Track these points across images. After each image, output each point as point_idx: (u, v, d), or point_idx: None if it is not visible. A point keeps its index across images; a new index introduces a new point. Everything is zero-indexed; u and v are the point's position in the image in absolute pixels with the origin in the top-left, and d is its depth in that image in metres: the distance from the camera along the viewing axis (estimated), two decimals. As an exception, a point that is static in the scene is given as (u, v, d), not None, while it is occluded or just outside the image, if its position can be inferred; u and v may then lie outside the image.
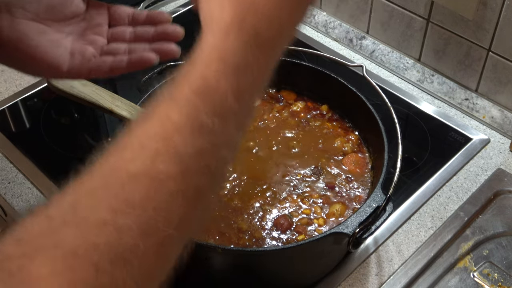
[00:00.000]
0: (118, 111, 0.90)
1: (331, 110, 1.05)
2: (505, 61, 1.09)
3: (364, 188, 0.93)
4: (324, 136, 1.01)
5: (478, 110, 1.16)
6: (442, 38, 1.17)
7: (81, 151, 1.13)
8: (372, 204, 0.81)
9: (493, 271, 0.95)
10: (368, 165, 0.96)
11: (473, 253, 0.97)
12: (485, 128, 1.15)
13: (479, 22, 1.09)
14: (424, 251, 0.96)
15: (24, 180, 1.07)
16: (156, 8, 1.44)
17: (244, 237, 0.86)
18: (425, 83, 1.23)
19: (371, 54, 1.30)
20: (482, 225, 1.00)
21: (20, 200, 1.04)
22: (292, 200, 0.91)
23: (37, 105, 1.21)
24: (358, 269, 0.93)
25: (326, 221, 0.88)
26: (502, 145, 1.12)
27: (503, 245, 0.99)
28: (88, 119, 1.20)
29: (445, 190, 1.05)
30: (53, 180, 1.05)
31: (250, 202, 0.90)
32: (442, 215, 1.01)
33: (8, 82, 1.26)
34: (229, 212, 0.89)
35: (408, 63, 1.25)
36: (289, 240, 0.86)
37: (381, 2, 1.23)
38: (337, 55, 1.31)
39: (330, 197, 0.92)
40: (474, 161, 1.09)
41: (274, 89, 1.09)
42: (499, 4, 1.04)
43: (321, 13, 1.37)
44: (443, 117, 1.17)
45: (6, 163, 1.10)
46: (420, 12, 1.17)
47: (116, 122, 0.96)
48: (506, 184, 1.05)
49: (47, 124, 1.17)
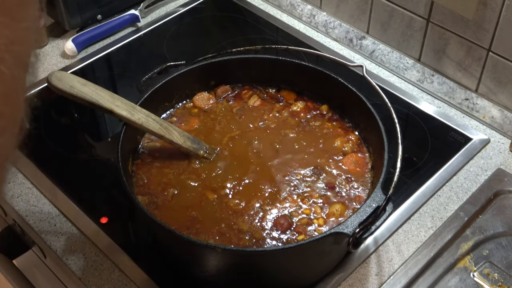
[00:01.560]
0: (118, 111, 0.90)
1: (331, 110, 1.05)
2: (505, 61, 1.09)
3: (364, 188, 0.93)
4: (324, 136, 1.01)
5: (478, 110, 1.16)
6: (442, 38, 1.17)
7: (81, 151, 1.13)
8: (372, 204, 0.81)
9: (493, 271, 0.95)
10: (368, 165, 0.96)
11: (473, 253, 0.98)
12: (485, 128, 1.15)
13: (479, 22, 1.09)
14: (424, 251, 0.96)
15: (24, 180, 1.07)
16: (156, 8, 1.44)
17: (245, 238, 0.86)
18: (425, 83, 1.23)
19: (371, 54, 1.30)
20: (482, 225, 1.00)
21: (20, 200, 1.04)
22: (292, 200, 0.91)
23: (37, 105, 1.21)
24: (358, 269, 0.93)
25: (326, 221, 0.88)
26: (502, 145, 1.12)
27: (503, 245, 0.99)
28: (88, 119, 1.20)
29: (445, 190, 1.05)
30: (53, 180, 1.06)
31: (250, 203, 0.90)
32: (442, 215, 1.01)
33: (8, 82, 1.26)
34: (230, 214, 0.89)
35: (408, 63, 1.25)
36: (289, 240, 0.86)
37: (381, 2, 1.23)
38: (337, 55, 1.31)
39: (330, 197, 0.92)
40: (474, 161, 1.09)
41: (274, 89, 1.09)
42: (499, 4, 1.04)
43: (321, 13, 1.37)
44: (443, 117, 1.17)
45: (6, 163, 1.09)
46: (420, 12, 1.17)
47: (116, 122, 0.96)
48: (506, 184, 1.05)
49: (47, 124, 1.17)
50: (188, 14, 1.44)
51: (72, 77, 0.88)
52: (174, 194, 0.92)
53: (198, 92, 1.07)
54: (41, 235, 0.98)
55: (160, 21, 1.41)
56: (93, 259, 0.95)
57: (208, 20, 1.44)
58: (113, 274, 0.93)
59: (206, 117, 1.04)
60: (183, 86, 1.05)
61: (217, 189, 0.92)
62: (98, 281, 0.92)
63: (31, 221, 1.00)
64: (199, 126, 1.03)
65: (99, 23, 1.37)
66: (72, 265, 0.94)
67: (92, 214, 1.00)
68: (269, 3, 1.45)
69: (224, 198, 0.91)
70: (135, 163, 0.96)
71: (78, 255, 0.95)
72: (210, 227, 0.87)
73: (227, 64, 1.05)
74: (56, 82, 0.87)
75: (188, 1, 1.47)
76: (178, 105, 1.06)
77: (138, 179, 0.94)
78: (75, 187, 1.05)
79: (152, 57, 1.32)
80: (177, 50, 1.34)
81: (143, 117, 0.92)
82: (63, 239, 0.98)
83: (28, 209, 1.02)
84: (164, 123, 0.95)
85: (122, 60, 1.33)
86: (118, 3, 1.39)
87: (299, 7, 1.40)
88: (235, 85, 1.09)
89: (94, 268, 0.94)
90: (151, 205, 0.90)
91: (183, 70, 1.02)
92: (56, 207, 1.02)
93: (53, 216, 1.01)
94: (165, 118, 1.03)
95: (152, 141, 1.00)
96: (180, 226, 0.87)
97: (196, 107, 1.06)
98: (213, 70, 1.05)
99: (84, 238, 0.98)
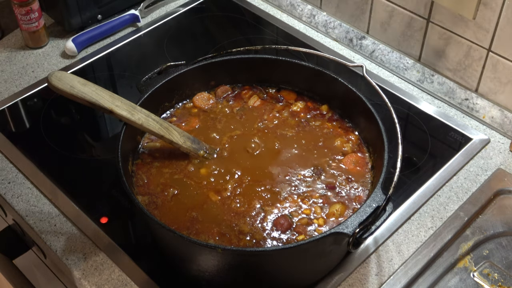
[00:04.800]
0: (118, 111, 0.90)
1: (331, 110, 1.05)
2: (505, 61, 1.09)
3: (364, 188, 0.93)
4: (324, 136, 1.01)
5: (478, 110, 1.17)
6: (442, 38, 1.17)
7: (81, 151, 1.13)
8: (372, 204, 0.81)
9: (493, 271, 0.95)
10: (368, 165, 0.96)
11: (473, 253, 0.98)
12: (485, 128, 1.15)
13: (479, 22, 1.09)
14: (424, 251, 0.96)
15: (24, 180, 1.07)
16: (156, 8, 1.44)
17: (245, 238, 0.86)
18: (425, 83, 1.23)
19: (371, 54, 1.30)
20: (482, 225, 1.00)
21: (20, 200, 1.04)
22: (293, 200, 0.91)
23: (37, 105, 1.21)
24: (358, 269, 0.93)
25: (326, 221, 0.88)
26: (502, 145, 1.12)
27: (503, 245, 0.99)
28: (88, 119, 1.20)
29: (445, 190, 1.05)
30: (53, 180, 1.06)
31: (252, 204, 0.90)
32: (442, 215, 1.01)
33: (8, 82, 1.26)
34: (232, 216, 0.89)
35: (408, 63, 1.25)
36: (289, 240, 0.86)
37: (381, 2, 1.23)
38: (337, 55, 1.31)
39: (330, 197, 0.92)
40: (474, 161, 1.09)
41: (274, 89, 1.09)
42: (499, 4, 1.04)
43: (321, 13, 1.37)
44: (443, 117, 1.17)
45: (6, 163, 1.10)
46: (420, 12, 1.17)
47: (116, 122, 0.96)
48: (506, 184, 1.05)
49: (47, 124, 1.17)
50: (188, 14, 1.44)
51: (72, 77, 0.88)
52: (174, 194, 0.92)
53: (198, 92, 1.07)
54: (41, 235, 0.98)
55: (160, 21, 1.41)
56: (93, 259, 0.95)
57: (208, 20, 1.44)
58: (113, 274, 0.93)
59: (206, 117, 1.04)
60: (183, 86, 1.05)
61: (221, 191, 0.92)
62: (98, 281, 0.92)
63: (31, 221, 1.00)
64: (199, 126, 1.03)
65: (99, 23, 1.37)
66: (72, 265, 0.94)
67: (92, 214, 1.00)
68: (269, 3, 1.45)
69: (227, 200, 0.91)
70: (135, 163, 0.96)
71: (78, 255, 0.95)
72: (210, 227, 0.87)
73: (227, 64, 1.05)
74: (56, 82, 0.87)
75: (188, 1, 1.47)
76: (178, 105, 1.06)
77: (138, 179, 0.94)
78: (75, 187, 1.05)
79: (152, 57, 1.32)
80: (177, 50, 1.34)
81: (143, 117, 0.92)
82: (63, 239, 0.98)
83: (28, 209, 1.02)
84: (164, 123, 0.95)
85: (122, 60, 1.33)
86: (118, 3, 1.39)
87: (299, 7, 1.40)
88: (235, 85, 1.09)
89: (94, 268, 0.94)
90: (151, 205, 0.90)
91: (183, 70, 1.02)
92: (56, 207, 1.02)
93: (53, 216, 1.01)
94: (165, 118, 1.03)
95: (152, 141, 1.00)
96: (180, 226, 0.87)
97: (196, 107, 1.06)
98: (213, 70, 1.05)
99: (84, 238, 0.98)
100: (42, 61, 1.31)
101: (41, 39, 1.33)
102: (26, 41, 1.33)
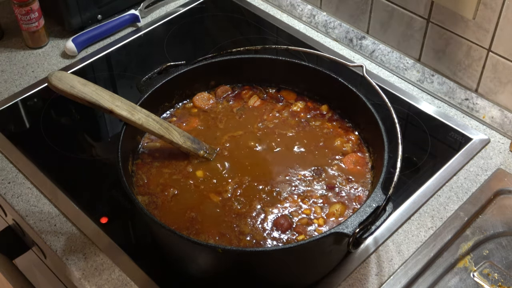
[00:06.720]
0: (118, 111, 0.90)
1: (331, 110, 1.05)
2: (505, 61, 1.09)
3: (364, 188, 0.93)
4: (324, 136, 1.01)
5: (478, 110, 1.17)
6: (442, 38, 1.17)
7: (81, 151, 1.13)
8: (372, 204, 0.81)
9: (493, 271, 0.95)
10: (368, 165, 0.96)
11: (473, 253, 0.98)
12: (485, 128, 1.15)
13: (479, 22, 1.09)
14: (424, 251, 0.96)
15: (24, 180, 1.07)
16: (156, 8, 1.44)
17: (245, 239, 0.86)
18: (425, 83, 1.23)
19: (371, 54, 1.30)
20: (482, 225, 1.00)
21: (20, 200, 1.04)
22: (293, 200, 0.91)
23: (37, 105, 1.21)
24: (358, 269, 0.93)
25: (326, 221, 0.88)
26: (502, 145, 1.12)
27: (503, 245, 0.99)
28: (88, 119, 1.20)
29: (445, 190, 1.05)
30: (53, 180, 1.06)
31: (252, 204, 0.90)
32: (442, 215, 1.01)
33: (8, 82, 1.26)
34: (233, 217, 0.89)
35: (408, 63, 1.25)
36: (289, 240, 0.86)
37: (381, 2, 1.23)
38: (337, 55, 1.31)
39: (330, 197, 0.92)
40: (474, 161, 1.09)
41: (274, 89, 1.09)
42: (499, 4, 1.04)
43: (321, 13, 1.37)
44: (443, 117, 1.17)
45: (6, 163, 1.10)
46: (420, 12, 1.17)
47: (116, 122, 0.96)
48: (506, 184, 1.05)
49: (47, 124, 1.17)
50: (188, 14, 1.44)
51: (72, 77, 0.88)
52: (174, 194, 0.92)
53: (198, 92, 1.07)
54: (41, 235, 0.98)
55: (160, 21, 1.41)
56: (93, 259, 0.95)
57: (208, 20, 1.45)
58: (113, 274, 0.93)
59: (206, 117, 1.04)
60: (183, 86, 1.05)
61: (221, 192, 0.92)
62: (98, 281, 0.92)
63: (31, 221, 1.00)
64: (199, 126, 1.03)
65: (99, 23, 1.37)
66: (72, 265, 0.94)
67: (92, 214, 1.00)
68: (269, 3, 1.45)
69: (228, 202, 0.90)
70: (135, 163, 0.96)
71: (78, 255, 0.95)
72: (210, 227, 0.87)
73: (227, 64, 1.05)
74: (56, 82, 0.87)
75: (188, 1, 1.47)
76: (178, 105, 1.06)
77: (138, 179, 0.94)
78: (75, 187, 1.05)
79: (152, 57, 1.33)
80: (177, 50, 1.34)
81: (143, 117, 0.92)
82: (63, 239, 0.98)
83: (28, 209, 1.02)
84: (164, 123, 0.95)
85: (122, 60, 1.33)
86: (118, 3, 1.39)
87: (299, 7, 1.40)
88: (235, 85, 1.09)
89: (94, 268, 0.94)
90: (151, 205, 0.90)
91: (183, 70, 1.02)
92: (56, 207, 1.02)
93: (53, 216, 1.01)
94: (165, 118, 1.03)
95: (152, 141, 1.00)
96: (179, 227, 0.87)
97: (196, 107, 1.06)
98: (213, 70, 1.05)
99: (84, 238, 0.98)
100: (42, 61, 1.31)
101: (41, 39, 1.33)
102: (26, 41, 1.33)
